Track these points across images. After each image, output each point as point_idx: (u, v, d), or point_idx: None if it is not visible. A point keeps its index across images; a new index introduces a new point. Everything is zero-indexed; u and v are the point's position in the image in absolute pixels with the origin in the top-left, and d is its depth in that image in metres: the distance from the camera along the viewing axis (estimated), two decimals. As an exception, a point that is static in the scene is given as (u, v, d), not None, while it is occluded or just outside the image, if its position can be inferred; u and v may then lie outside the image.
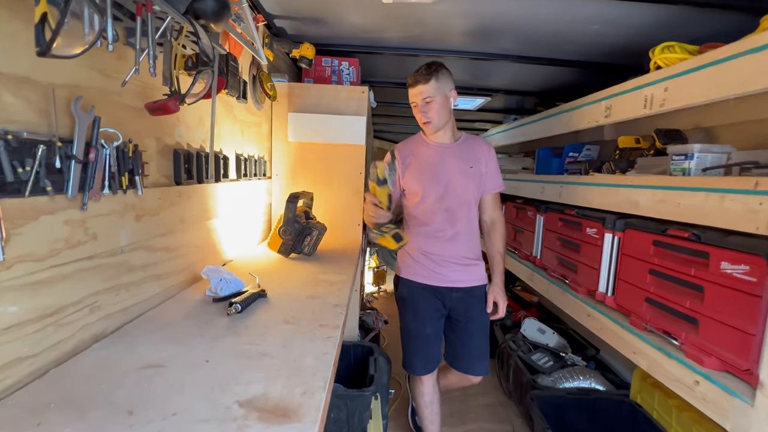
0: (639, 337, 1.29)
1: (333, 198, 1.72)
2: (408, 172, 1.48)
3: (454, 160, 1.44)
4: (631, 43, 1.56)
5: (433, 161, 1.45)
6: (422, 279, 1.49)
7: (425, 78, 1.34)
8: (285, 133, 1.65)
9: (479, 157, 1.46)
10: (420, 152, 1.48)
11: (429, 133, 1.44)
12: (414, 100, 1.39)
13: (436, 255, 1.46)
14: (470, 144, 1.49)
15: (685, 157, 1.25)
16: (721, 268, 1.03)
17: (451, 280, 1.47)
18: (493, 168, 1.48)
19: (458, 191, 1.43)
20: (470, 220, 1.47)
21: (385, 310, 3.90)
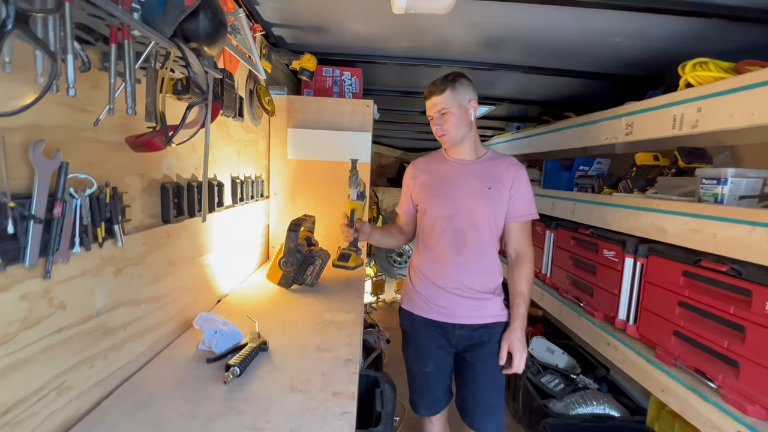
0: (668, 374, 1.20)
1: (336, 217, 1.60)
2: (418, 187, 1.36)
3: (471, 179, 1.30)
4: (652, 55, 1.48)
5: (446, 178, 1.32)
6: (423, 312, 1.34)
7: (440, 89, 1.24)
8: (284, 149, 1.54)
9: (502, 177, 1.29)
10: (436, 168, 1.36)
11: (446, 147, 1.32)
12: (429, 113, 1.28)
13: (438, 283, 1.31)
14: (494, 162, 1.32)
15: (718, 181, 1.16)
16: (767, 308, 0.95)
17: (455, 315, 1.30)
18: (521, 192, 1.28)
19: (469, 213, 1.28)
20: (482, 247, 1.29)
21: (384, 321, 3.80)
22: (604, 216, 1.53)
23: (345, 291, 1.30)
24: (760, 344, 0.96)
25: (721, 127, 1.04)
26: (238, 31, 1.06)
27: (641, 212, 1.33)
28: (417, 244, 1.41)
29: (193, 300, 0.98)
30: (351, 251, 1.28)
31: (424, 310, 1.35)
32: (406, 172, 1.43)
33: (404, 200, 1.44)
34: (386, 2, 1.16)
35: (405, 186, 1.44)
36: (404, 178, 1.44)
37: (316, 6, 1.27)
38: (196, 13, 0.54)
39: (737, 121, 1.00)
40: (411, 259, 1.44)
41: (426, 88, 1.27)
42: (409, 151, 5.58)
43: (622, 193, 1.64)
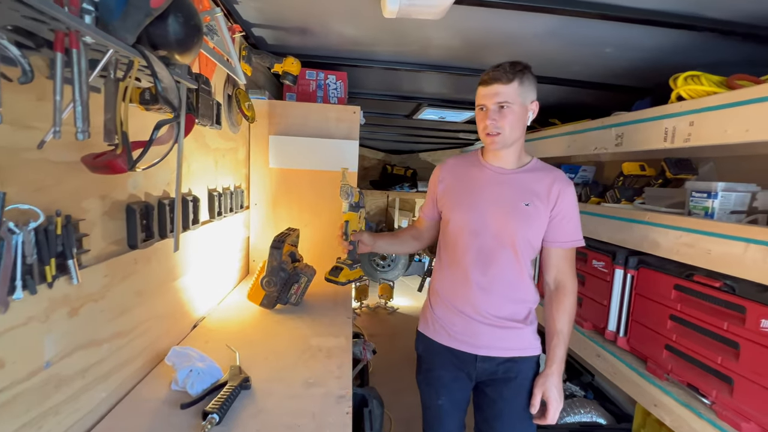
0: (660, 389, 1.19)
1: (322, 228, 1.52)
2: (444, 191, 1.21)
3: (507, 190, 1.12)
4: (640, 66, 1.48)
5: (477, 186, 1.15)
6: (439, 338, 1.19)
7: (507, 77, 1.03)
8: (265, 157, 1.44)
9: (544, 193, 1.10)
10: (467, 173, 1.19)
11: (492, 148, 1.12)
12: (483, 102, 1.06)
13: (459, 307, 1.15)
14: (538, 175, 1.13)
15: (708, 195, 1.16)
16: (761, 326, 0.94)
17: (476, 345, 1.13)
18: (566, 213, 1.10)
19: (499, 230, 1.09)
20: (513, 269, 1.11)
21: (368, 327, 3.73)
22: (595, 227, 1.52)
23: (333, 310, 1.22)
24: (755, 361, 0.95)
25: (715, 142, 1.04)
26: (215, 31, 0.97)
27: (633, 224, 1.32)
28: (438, 259, 1.24)
29: (165, 330, 0.89)
30: (344, 264, 1.19)
31: (441, 336, 1.19)
32: (433, 173, 1.29)
33: (428, 203, 1.30)
34: (375, 5, 1.10)
35: (430, 188, 1.30)
36: (431, 179, 1.29)
37: (300, 7, 1.19)
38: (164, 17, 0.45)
39: (732, 137, 0.99)
40: (432, 278, 1.29)
41: (487, 72, 1.06)
42: (391, 153, 5.53)
43: (610, 202, 1.64)
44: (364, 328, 3.71)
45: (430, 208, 1.29)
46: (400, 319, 3.97)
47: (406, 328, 3.75)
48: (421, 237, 1.34)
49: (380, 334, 3.61)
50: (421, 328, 1.30)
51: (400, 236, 1.33)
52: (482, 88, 1.08)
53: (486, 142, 1.12)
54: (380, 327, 3.78)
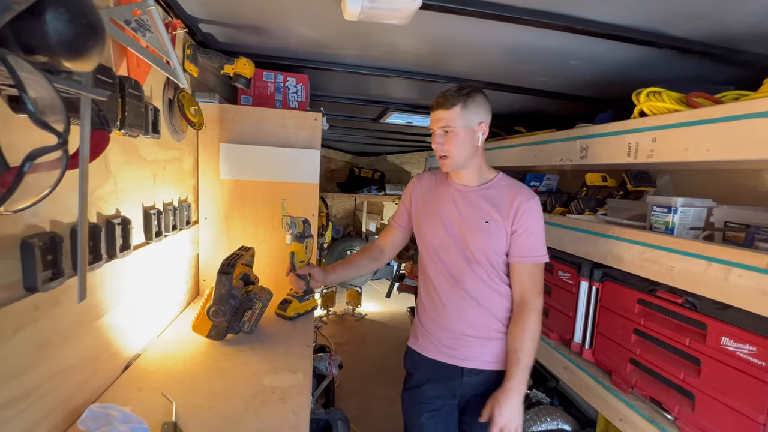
0: (625, 403, 1.20)
1: (281, 245, 1.41)
2: (416, 209, 1.25)
3: (469, 208, 1.15)
4: (602, 79, 1.49)
5: (443, 203, 1.19)
6: (427, 351, 1.21)
7: (449, 103, 1.07)
8: (215, 167, 1.31)
9: (504, 210, 1.11)
10: (437, 190, 1.23)
11: (444, 170, 1.17)
12: (431, 126, 1.13)
13: (440, 322, 1.19)
14: (500, 192, 1.15)
15: (668, 210, 1.17)
16: (722, 343, 0.95)
17: (462, 357, 1.15)
18: (527, 228, 1.10)
19: (465, 246, 1.13)
20: (485, 284, 1.13)
21: (336, 335, 3.63)
22: (560, 238, 1.52)
23: (290, 337, 1.12)
24: (716, 378, 0.96)
25: (677, 159, 1.04)
26: (149, 28, 0.84)
27: (598, 237, 1.32)
28: (420, 272, 1.27)
29: (84, 380, 0.74)
30: (294, 297, 1.13)
31: (429, 350, 1.21)
32: (408, 186, 1.31)
33: (402, 212, 1.30)
34: (336, 7, 1.00)
35: (404, 200, 1.31)
36: (406, 191, 1.32)
37: (253, 3, 1.08)
38: (39, 12, 0.34)
39: (693, 155, 1.00)
40: (417, 291, 1.33)
41: (434, 98, 1.12)
42: (359, 156, 5.43)
43: (575, 213, 1.65)
44: (331, 337, 3.60)
45: (404, 218, 1.30)
46: (369, 326, 3.89)
47: (375, 335, 3.68)
48: (383, 255, 1.33)
49: (348, 342, 3.52)
50: (410, 343, 1.29)
51: (354, 262, 1.30)
52: (431, 113, 1.14)
53: (439, 163, 1.16)
54: (348, 335, 3.68)
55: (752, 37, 1.04)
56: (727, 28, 1.02)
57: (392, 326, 3.92)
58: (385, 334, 3.72)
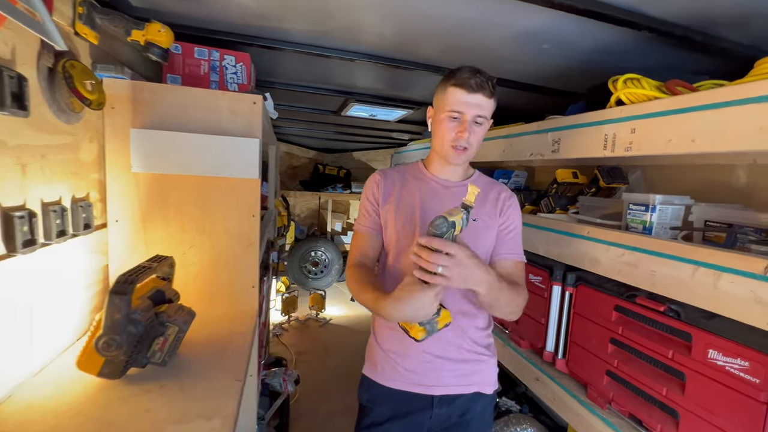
0: (602, 419, 1.09)
1: (214, 251, 1.19)
2: (386, 206, 1.04)
3: (454, 204, 0.99)
4: (573, 67, 1.39)
5: (422, 200, 1.03)
6: (389, 381, 1.03)
7: (490, 89, 0.95)
8: (127, 158, 1.07)
9: (491, 206, 1.04)
10: (409, 186, 1.06)
11: (453, 162, 1.01)
12: (462, 110, 0.94)
13: (396, 341, 1.02)
14: (485, 188, 1.06)
15: (646, 208, 1.08)
16: (709, 356, 0.85)
17: (433, 384, 1.01)
18: (515, 226, 1.05)
19: None
20: (456, 299, 1.00)
21: (297, 344, 3.40)
22: (531, 239, 1.40)
23: (216, 367, 0.91)
24: (702, 395, 0.87)
25: (659, 152, 0.94)
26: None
27: (572, 239, 1.21)
28: (381, 282, 1.04)
29: None
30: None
31: (392, 379, 1.03)
32: (370, 182, 1.10)
33: (370, 214, 1.07)
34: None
35: (368, 199, 1.08)
36: (368, 188, 1.09)
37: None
38: None
39: (676, 147, 0.90)
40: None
41: (468, 76, 0.92)
42: (324, 152, 5.19)
43: (545, 211, 1.55)
44: (292, 345, 3.36)
45: (374, 220, 1.08)
46: (333, 332, 3.69)
47: (339, 341, 3.48)
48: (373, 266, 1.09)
49: (310, 350, 3.30)
50: (366, 371, 1.10)
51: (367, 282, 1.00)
52: (463, 94, 0.94)
53: (448, 155, 1.00)
54: (311, 342, 3.46)
55: (735, 19, 0.96)
56: (710, 8, 0.92)
57: (358, 330, 3.74)
58: (350, 339, 3.53)
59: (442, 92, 0.98)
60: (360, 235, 1.09)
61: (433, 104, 1.03)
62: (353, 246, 1.11)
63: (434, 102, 1.03)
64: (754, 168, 1.09)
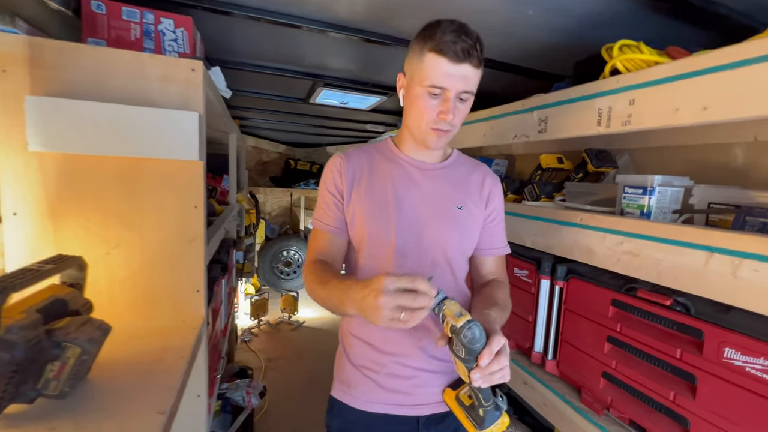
0: (600, 428, 0.97)
1: (147, 249, 0.98)
2: (354, 197, 0.88)
3: (435, 191, 0.89)
4: (559, 43, 1.27)
5: (396, 186, 0.88)
6: (364, 403, 0.88)
7: (478, 57, 0.76)
8: (23, 134, 0.85)
9: (476, 192, 0.92)
10: (380, 169, 0.90)
11: (433, 146, 0.85)
12: (446, 85, 0.76)
13: (388, 349, 0.87)
14: (465, 170, 0.94)
15: (644, 191, 0.97)
16: (725, 356, 0.74)
17: (419, 402, 0.88)
18: (499, 214, 0.96)
19: (432, 243, 0.86)
20: (448, 290, 0.84)
21: (268, 350, 3.17)
22: (515, 229, 1.28)
23: (136, 394, 0.71)
24: (716, 400, 0.76)
25: (664, 124, 0.82)
26: None
27: (562, 227, 1.09)
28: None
29: None
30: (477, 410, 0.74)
31: (368, 400, 0.88)
32: (330, 166, 0.92)
33: (330, 209, 0.90)
34: None
35: (329, 188, 0.90)
36: (326, 173, 0.91)
37: None
38: None
39: (684, 117, 0.78)
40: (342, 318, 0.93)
41: (452, 39, 0.73)
42: (295, 147, 4.95)
43: (529, 200, 1.43)
44: (261, 351, 3.14)
45: (337, 216, 0.90)
46: (307, 335, 3.49)
47: (313, 346, 3.28)
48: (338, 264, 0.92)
49: (282, 356, 3.09)
50: (336, 393, 0.93)
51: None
52: (446, 64, 0.75)
53: (427, 139, 0.84)
54: (282, 347, 3.25)
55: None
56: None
57: (333, 333, 3.55)
58: (325, 342, 3.34)
59: (417, 58, 0.80)
60: (320, 234, 0.92)
61: (406, 71, 0.86)
62: (312, 245, 0.93)
63: (407, 68, 0.85)
64: (753, 146, 1.01)
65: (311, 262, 0.88)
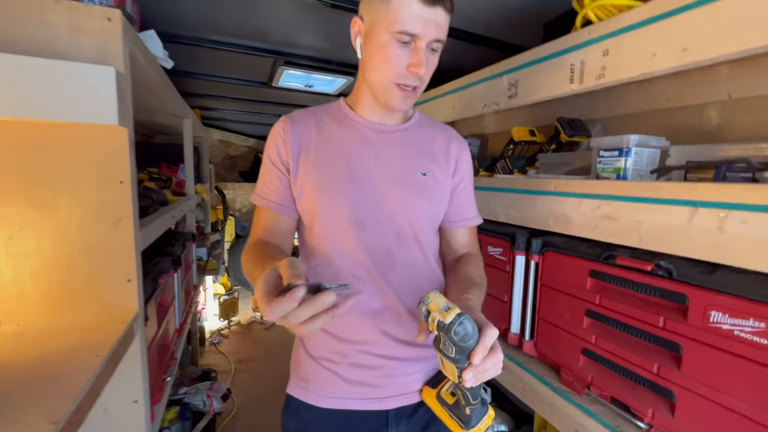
0: (581, 409, 0.91)
1: (61, 232, 0.83)
2: (302, 167, 0.77)
3: (395, 155, 0.79)
4: (525, 9, 1.19)
5: (351, 151, 0.77)
6: (325, 399, 0.77)
7: (451, 2, 0.67)
8: None
9: (442, 156, 0.83)
10: (332, 133, 0.79)
11: (403, 107, 0.75)
12: (416, 31, 0.65)
13: (350, 337, 0.77)
14: (429, 132, 0.85)
15: (620, 153, 0.90)
16: (711, 320, 0.68)
17: (384, 396, 0.77)
18: (469, 181, 0.88)
19: (395, 214, 0.76)
20: (420, 271, 0.80)
21: (238, 351, 3.00)
22: (488, 204, 1.20)
23: (27, 400, 0.58)
24: (702, 369, 0.70)
25: (640, 72, 0.76)
26: None
27: (536, 197, 1.02)
28: (308, 265, 0.79)
29: None
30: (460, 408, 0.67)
31: (329, 395, 0.77)
32: (274, 133, 0.80)
33: (274, 182, 0.78)
34: None
35: (272, 157, 0.79)
36: (269, 140, 0.80)
37: None
38: None
39: (663, 61, 0.71)
40: None
41: None
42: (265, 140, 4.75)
43: (502, 175, 1.35)
44: (232, 353, 2.97)
45: (281, 190, 0.79)
46: (281, 335, 3.33)
47: (287, 345, 3.13)
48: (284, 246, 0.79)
49: (253, 357, 2.93)
50: (293, 390, 0.81)
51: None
52: (419, 6, 0.64)
53: (392, 98, 0.73)
54: (254, 348, 3.08)
55: None
56: None
57: (308, 331, 3.42)
58: (300, 341, 3.20)
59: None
60: (262, 212, 0.80)
61: (363, 15, 0.72)
62: (254, 224, 0.82)
63: (366, 11, 0.72)
64: (728, 105, 0.96)
65: (249, 246, 0.76)
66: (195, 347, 2.30)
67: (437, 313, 0.57)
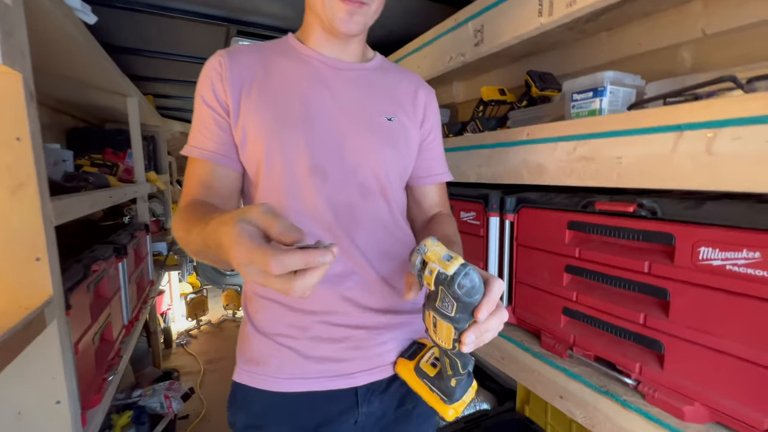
0: (564, 372, 0.84)
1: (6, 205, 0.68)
2: (244, 108, 0.64)
3: (354, 97, 0.69)
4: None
5: (303, 90, 0.66)
6: (285, 382, 0.65)
7: None
8: None
9: (409, 102, 0.74)
10: (277, 68, 0.67)
11: (352, 30, 0.64)
12: None
13: (308, 307, 0.65)
14: (395, 76, 0.76)
15: (594, 93, 0.83)
16: (701, 257, 0.62)
17: (353, 371, 0.67)
18: (438, 132, 0.80)
19: (359, 161, 0.66)
20: (387, 230, 0.70)
21: (209, 351, 2.83)
22: (459, 165, 1.12)
23: None
24: (694, 313, 0.63)
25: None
26: None
27: (508, 149, 0.94)
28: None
29: None
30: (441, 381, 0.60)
31: (287, 376, 0.65)
32: (207, 71, 0.66)
33: (210, 123, 0.65)
34: None
35: (203, 94, 0.65)
36: (202, 79, 0.66)
37: None
38: None
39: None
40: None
41: None
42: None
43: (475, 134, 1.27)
44: (201, 354, 2.79)
45: (219, 137, 0.65)
46: (254, 331, 3.17)
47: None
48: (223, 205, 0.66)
49: (224, 357, 2.77)
50: (240, 377, 0.68)
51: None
52: None
53: (336, 14, 0.62)
54: (225, 347, 2.92)
55: None
56: None
57: (284, 326, 3.28)
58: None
59: None
60: (197, 165, 0.66)
61: None
62: (186, 183, 0.68)
63: None
64: (702, 42, 0.91)
65: (181, 208, 0.63)
66: (156, 348, 2.12)
67: (437, 263, 0.47)
